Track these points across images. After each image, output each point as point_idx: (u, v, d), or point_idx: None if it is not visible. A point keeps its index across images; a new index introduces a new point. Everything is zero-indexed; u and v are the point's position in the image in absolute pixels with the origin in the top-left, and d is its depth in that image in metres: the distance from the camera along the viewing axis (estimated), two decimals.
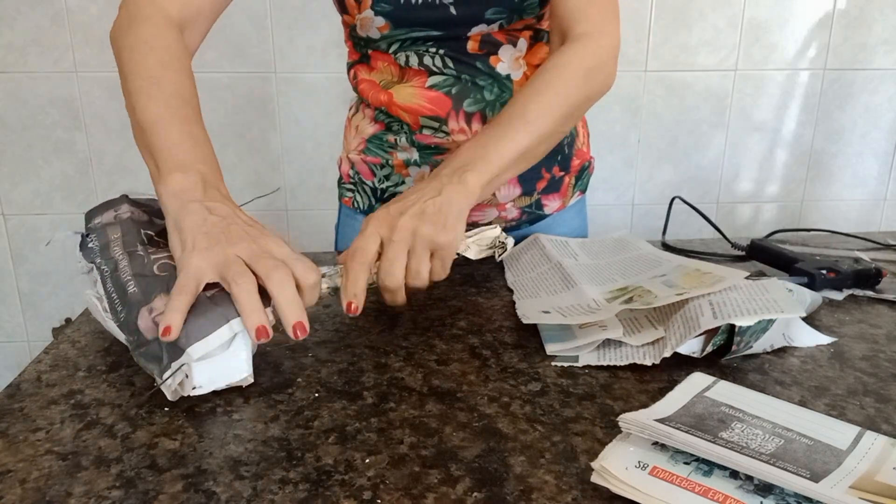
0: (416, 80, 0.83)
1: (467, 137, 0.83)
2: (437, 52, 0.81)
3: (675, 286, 0.67)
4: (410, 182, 0.90)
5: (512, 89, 0.84)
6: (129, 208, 0.68)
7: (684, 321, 0.61)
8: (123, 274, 0.59)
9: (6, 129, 1.64)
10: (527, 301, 0.71)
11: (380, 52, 0.84)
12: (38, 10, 1.56)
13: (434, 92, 0.83)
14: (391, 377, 0.59)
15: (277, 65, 1.64)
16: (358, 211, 0.96)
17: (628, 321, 0.66)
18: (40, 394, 0.57)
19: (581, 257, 0.82)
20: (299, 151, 1.71)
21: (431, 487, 0.45)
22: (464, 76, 0.82)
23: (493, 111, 0.83)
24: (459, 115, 0.83)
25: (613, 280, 0.74)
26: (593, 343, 0.62)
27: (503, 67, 0.83)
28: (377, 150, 0.90)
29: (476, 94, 0.83)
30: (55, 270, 1.76)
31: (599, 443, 0.50)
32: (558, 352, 0.63)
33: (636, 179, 1.82)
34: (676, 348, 0.60)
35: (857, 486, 0.41)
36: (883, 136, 1.84)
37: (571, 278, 0.73)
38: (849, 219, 1.90)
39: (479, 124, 0.83)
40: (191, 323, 0.54)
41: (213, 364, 0.55)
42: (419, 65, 0.82)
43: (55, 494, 0.44)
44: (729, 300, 0.62)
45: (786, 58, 1.74)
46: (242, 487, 0.45)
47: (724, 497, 0.40)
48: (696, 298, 0.63)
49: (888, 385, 0.58)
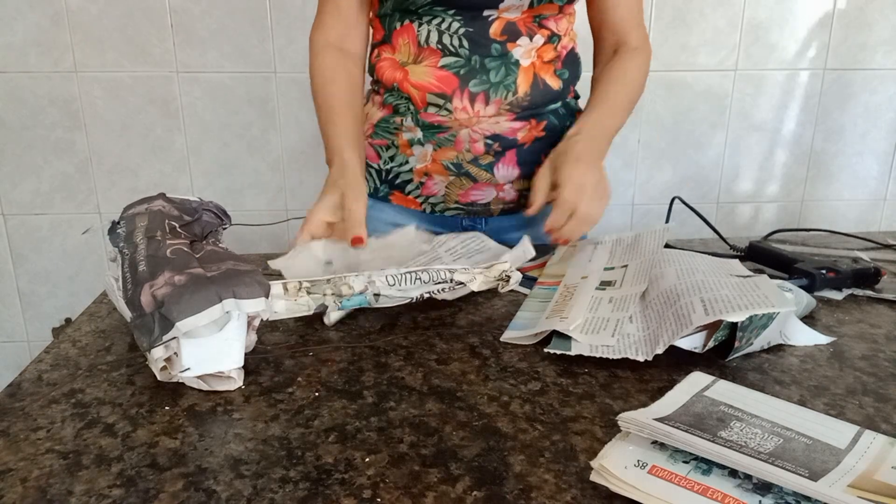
0: (430, 59, 0.88)
1: (468, 116, 0.88)
2: (458, 31, 0.86)
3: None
4: (413, 161, 0.94)
5: (516, 73, 0.88)
6: (161, 203, 0.72)
7: (676, 318, 0.62)
8: (139, 255, 0.62)
9: (6, 129, 1.64)
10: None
11: (404, 27, 0.89)
12: (38, 10, 1.57)
13: (444, 71, 0.88)
14: (391, 376, 0.59)
15: (277, 65, 1.64)
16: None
17: (599, 320, 0.67)
18: (41, 393, 0.57)
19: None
20: (299, 151, 1.71)
21: (431, 486, 0.45)
22: (474, 57, 0.87)
23: (495, 92, 0.88)
24: (464, 93, 0.88)
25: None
26: (542, 335, 0.65)
27: (518, 52, 0.88)
28: (383, 132, 0.95)
29: (483, 75, 0.87)
30: (55, 270, 1.76)
31: (599, 442, 0.50)
32: (509, 339, 0.66)
33: (636, 179, 1.82)
34: (669, 344, 0.60)
35: (855, 484, 0.41)
36: (883, 136, 1.84)
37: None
38: (849, 219, 1.90)
39: (482, 104, 0.88)
40: (185, 298, 0.54)
41: (204, 346, 0.55)
42: (437, 43, 0.87)
43: (56, 493, 0.44)
44: (720, 297, 0.62)
45: (786, 58, 1.74)
46: (243, 486, 0.45)
47: (723, 496, 0.41)
48: (687, 296, 0.64)
49: (887, 384, 0.58)
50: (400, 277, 0.67)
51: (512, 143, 0.91)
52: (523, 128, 0.91)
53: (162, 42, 1.60)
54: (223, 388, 0.57)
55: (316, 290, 0.66)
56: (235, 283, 0.56)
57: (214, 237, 0.72)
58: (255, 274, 0.58)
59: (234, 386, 0.57)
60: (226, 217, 0.78)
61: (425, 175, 0.94)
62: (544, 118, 0.92)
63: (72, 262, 1.75)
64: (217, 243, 0.70)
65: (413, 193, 0.96)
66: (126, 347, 0.65)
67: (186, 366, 0.55)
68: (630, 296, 0.69)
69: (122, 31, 1.59)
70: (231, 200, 1.71)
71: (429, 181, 0.94)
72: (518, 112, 0.89)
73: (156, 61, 1.62)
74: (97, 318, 0.72)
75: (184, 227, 0.68)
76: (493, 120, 0.89)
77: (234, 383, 0.57)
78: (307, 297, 0.66)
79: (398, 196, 0.97)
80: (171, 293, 0.55)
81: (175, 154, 1.69)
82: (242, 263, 0.60)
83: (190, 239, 0.66)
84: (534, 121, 0.91)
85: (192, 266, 0.58)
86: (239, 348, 0.57)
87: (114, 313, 0.73)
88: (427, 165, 0.93)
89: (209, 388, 0.57)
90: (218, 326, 0.55)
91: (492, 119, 0.89)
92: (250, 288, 0.57)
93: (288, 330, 0.69)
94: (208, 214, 0.74)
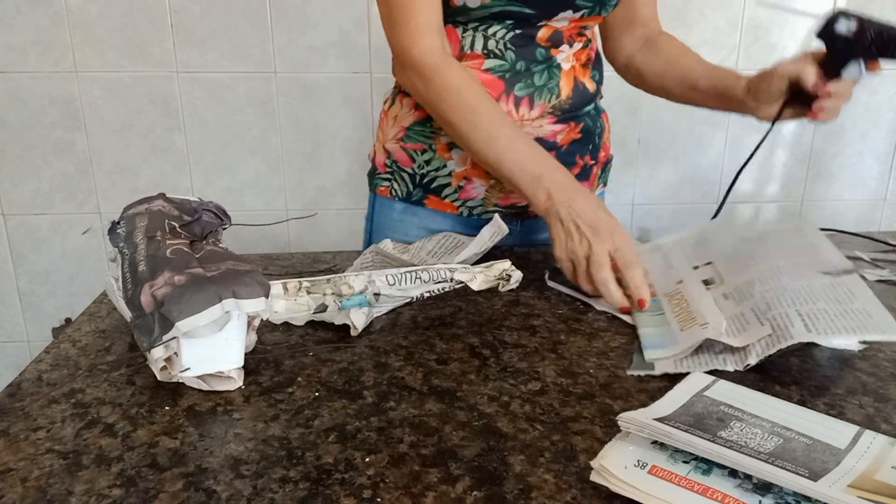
0: (472, 61, 0.88)
1: (514, 120, 0.89)
2: (505, 38, 0.86)
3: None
4: (452, 165, 0.93)
5: (559, 77, 0.89)
6: (161, 203, 0.72)
7: (772, 329, 0.59)
8: (139, 255, 0.62)
9: (6, 129, 1.64)
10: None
11: (446, 29, 0.87)
12: (38, 10, 1.57)
13: (489, 75, 0.88)
14: (391, 376, 0.59)
15: (277, 65, 1.64)
16: (396, 199, 0.98)
17: (731, 319, 0.63)
18: (41, 393, 0.57)
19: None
20: (299, 151, 1.71)
21: (431, 486, 0.45)
22: (519, 63, 0.87)
23: (539, 96, 0.88)
24: (510, 97, 0.88)
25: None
26: (693, 346, 0.60)
27: (561, 57, 0.89)
28: (418, 136, 0.94)
29: (527, 79, 0.88)
30: (55, 270, 1.76)
31: (599, 442, 0.50)
32: (658, 358, 0.61)
33: (636, 179, 1.82)
34: (762, 357, 0.58)
35: (855, 484, 0.41)
36: (883, 136, 1.84)
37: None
38: (849, 219, 1.90)
39: (527, 108, 0.89)
40: (185, 298, 0.54)
41: (204, 346, 0.55)
42: (483, 49, 0.87)
43: (56, 493, 0.44)
44: (819, 311, 0.59)
45: (786, 58, 1.74)
46: (243, 486, 0.45)
47: (723, 496, 0.41)
48: (780, 306, 0.61)
49: (887, 385, 0.58)
50: (400, 277, 0.67)
51: (552, 145, 0.91)
52: (563, 130, 0.91)
53: (162, 42, 1.60)
54: (223, 388, 0.57)
55: (316, 290, 0.66)
56: (235, 282, 0.56)
57: (214, 237, 0.72)
58: (255, 274, 0.58)
59: (234, 386, 0.57)
60: (226, 217, 0.78)
61: (464, 179, 0.93)
62: (581, 120, 0.93)
63: (72, 262, 1.75)
64: (217, 243, 0.70)
65: (450, 197, 0.95)
66: (126, 347, 0.65)
67: (186, 366, 0.55)
68: (743, 283, 0.67)
69: (122, 31, 1.59)
70: (231, 200, 1.71)
71: (468, 185, 0.94)
72: (559, 115, 0.90)
73: (156, 61, 1.62)
74: (97, 318, 0.72)
75: (184, 228, 0.68)
76: (536, 123, 0.89)
77: (234, 383, 0.57)
78: (307, 296, 0.66)
79: (433, 200, 0.96)
80: (171, 293, 0.55)
81: (175, 154, 1.69)
82: (242, 263, 0.60)
83: (190, 239, 0.66)
84: (572, 123, 0.92)
85: (192, 266, 0.58)
86: (239, 348, 0.58)
87: (114, 313, 0.73)
88: (467, 169, 0.92)
89: (209, 389, 0.57)
90: (218, 326, 0.55)
91: (535, 122, 0.89)
92: (250, 288, 0.57)
93: (288, 330, 0.69)
94: (208, 214, 0.74)
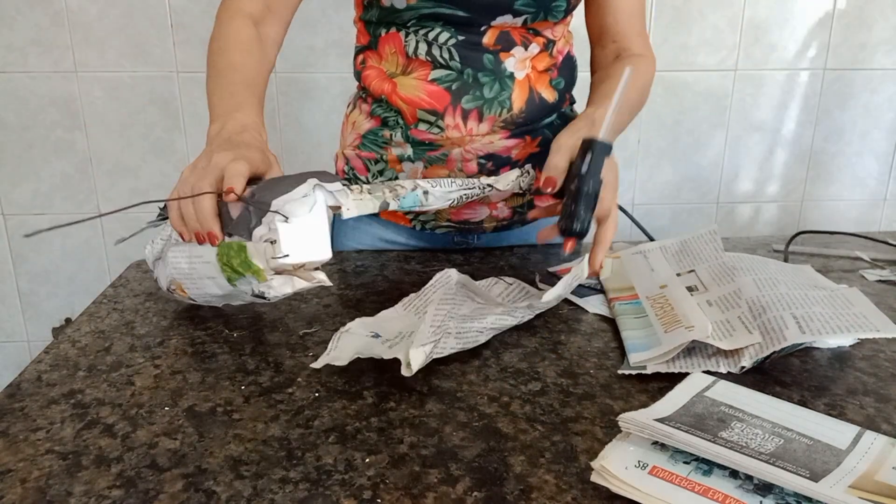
0: (419, 71, 0.84)
1: (461, 135, 0.84)
2: (448, 43, 0.82)
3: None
4: (404, 177, 0.90)
5: (511, 88, 0.84)
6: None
7: (765, 332, 0.59)
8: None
9: (6, 129, 1.64)
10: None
11: (390, 35, 0.85)
12: (38, 10, 1.56)
13: (435, 86, 0.83)
14: (391, 377, 0.59)
15: (277, 65, 1.64)
16: None
17: (717, 324, 0.63)
18: (41, 393, 0.57)
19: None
20: (299, 151, 1.71)
21: (431, 487, 0.45)
22: (467, 71, 0.83)
23: (489, 109, 0.84)
24: (457, 110, 0.84)
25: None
26: (679, 348, 0.60)
27: (511, 64, 0.84)
28: (371, 145, 0.91)
29: (476, 90, 0.83)
30: (55, 270, 1.76)
31: (599, 442, 0.50)
32: (641, 361, 0.60)
33: (636, 179, 1.82)
34: (756, 359, 0.58)
35: (856, 485, 0.41)
36: (883, 136, 1.84)
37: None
38: (849, 219, 1.90)
39: (475, 121, 0.84)
40: (273, 185, 0.59)
41: (299, 228, 0.58)
42: (427, 54, 0.83)
43: (56, 494, 0.44)
44: (813, 314, 0.60)
45: (786, 58, 1.74)
46: (243, 487, 0.45)
47: (724, 496, 0.40)
48: (775, 309, 0.61)
49: (888, 385, 0.58)
50: (438, 182, 0.72)
51: (506, 161, 0.87)
52: (517, 145, 0.87)
53: (162, 42, 1.60)
54: (312, 283, 0.61)
55: (375, 191, 0.69)
56: (310, 175, 0.61)
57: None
58: (321, 173, 0.63)
59: (323, 279, 0.61)
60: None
61: None
62: (539, 134, 0.88)
63: (72, 262, 1.75)
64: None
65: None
66: (126, 347, 0.65)
67: (286, 252, 0.58)
68: (729, 294, 0.67)
69: (122, 31, 1.59)
70: None
71: None
72: (513, 129, 0.86)
73: (156, 61, 1.62)
74: (97, 319, 0.72)
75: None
76: (486, 139, 0.85)
77: (321, 277, 0.61)
78: (370, 196, 0.68)
79: (386, 211, 0.91)
80: (258, 187, 0.59)
81: (175, 154, 1.69)
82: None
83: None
84: (528, 138, 0.87)
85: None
86: (326, 240, 0.61)
87: (113, 313, 0.73)
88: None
89: (294, 291, 0.60)
90: (309, 206, 0.59)
91: (485, 138, 0.85)
92: (328, 176, 0.62)
93: (288, 330, 0.69)
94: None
